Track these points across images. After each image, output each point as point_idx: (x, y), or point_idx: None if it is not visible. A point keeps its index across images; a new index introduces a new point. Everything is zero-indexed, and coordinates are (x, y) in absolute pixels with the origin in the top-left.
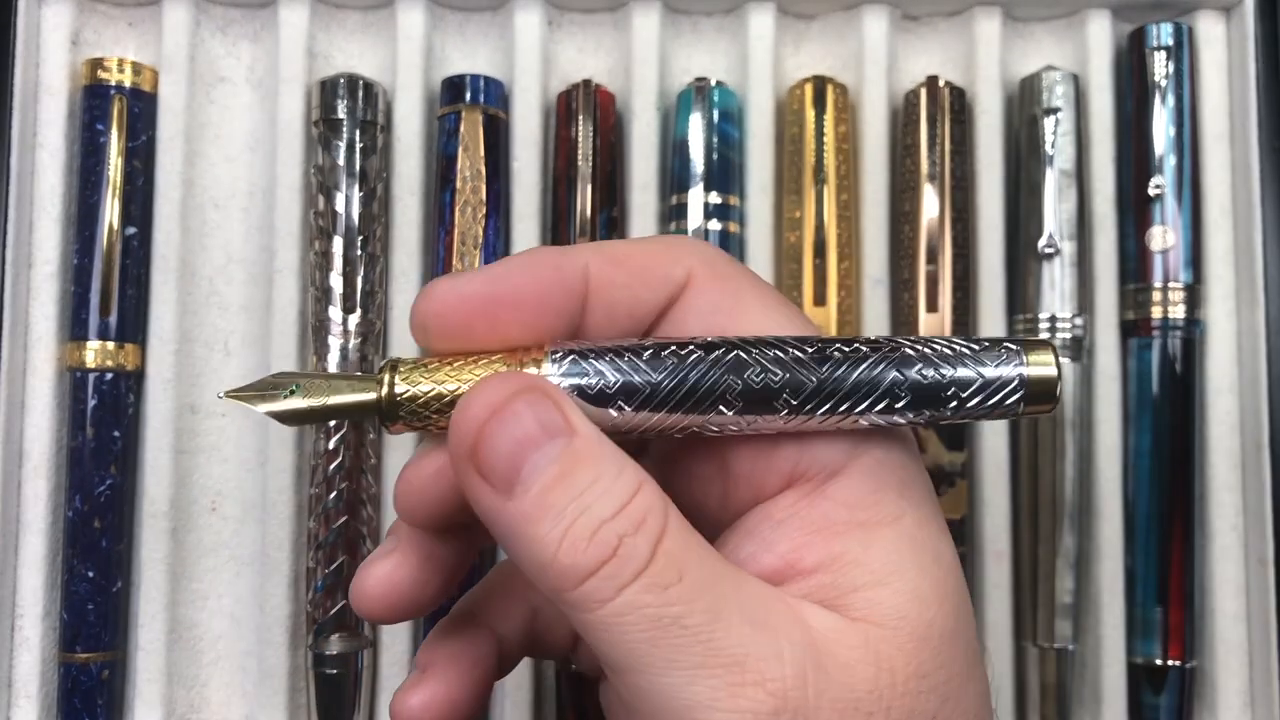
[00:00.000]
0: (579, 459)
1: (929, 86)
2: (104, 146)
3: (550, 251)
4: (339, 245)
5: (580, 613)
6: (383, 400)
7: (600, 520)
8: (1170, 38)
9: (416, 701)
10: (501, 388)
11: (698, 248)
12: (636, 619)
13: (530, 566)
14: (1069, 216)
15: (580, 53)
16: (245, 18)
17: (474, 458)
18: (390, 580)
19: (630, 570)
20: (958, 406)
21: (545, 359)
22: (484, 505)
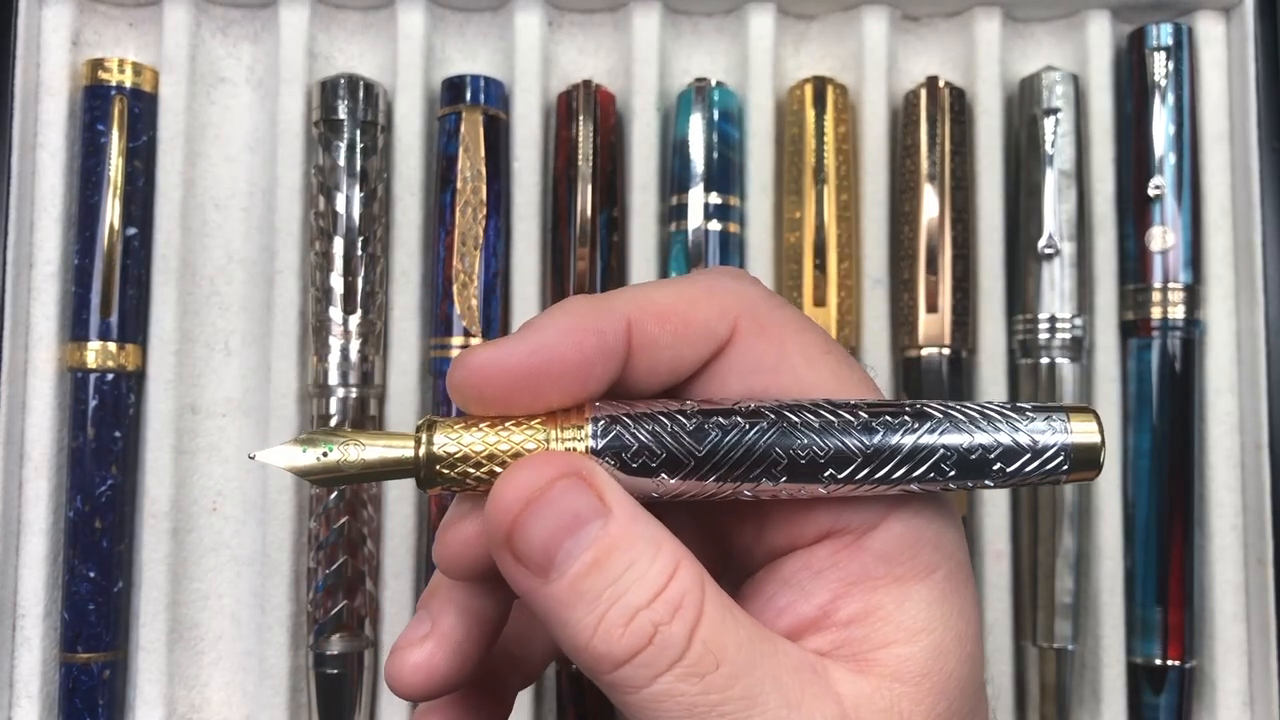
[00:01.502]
0: (614, 544)
1: (929, 87)
2: (105, 147)
3: (590, 312)
4: (339, 245)
5: (616, 694)
6: (420, 461)
7: (635, 608)
8: (1170, 38)
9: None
10: (537, 473)
11: (742, 294)
12: (672, 706)
13: (567, 648)
14: (1069, 217)
15: (580, 53)
16: (246, 18)
17: (509, 544)
18: (429, 665)
19: (666, 659)
20: (1001, 474)
21: (586, 424)
22: (520, 586)
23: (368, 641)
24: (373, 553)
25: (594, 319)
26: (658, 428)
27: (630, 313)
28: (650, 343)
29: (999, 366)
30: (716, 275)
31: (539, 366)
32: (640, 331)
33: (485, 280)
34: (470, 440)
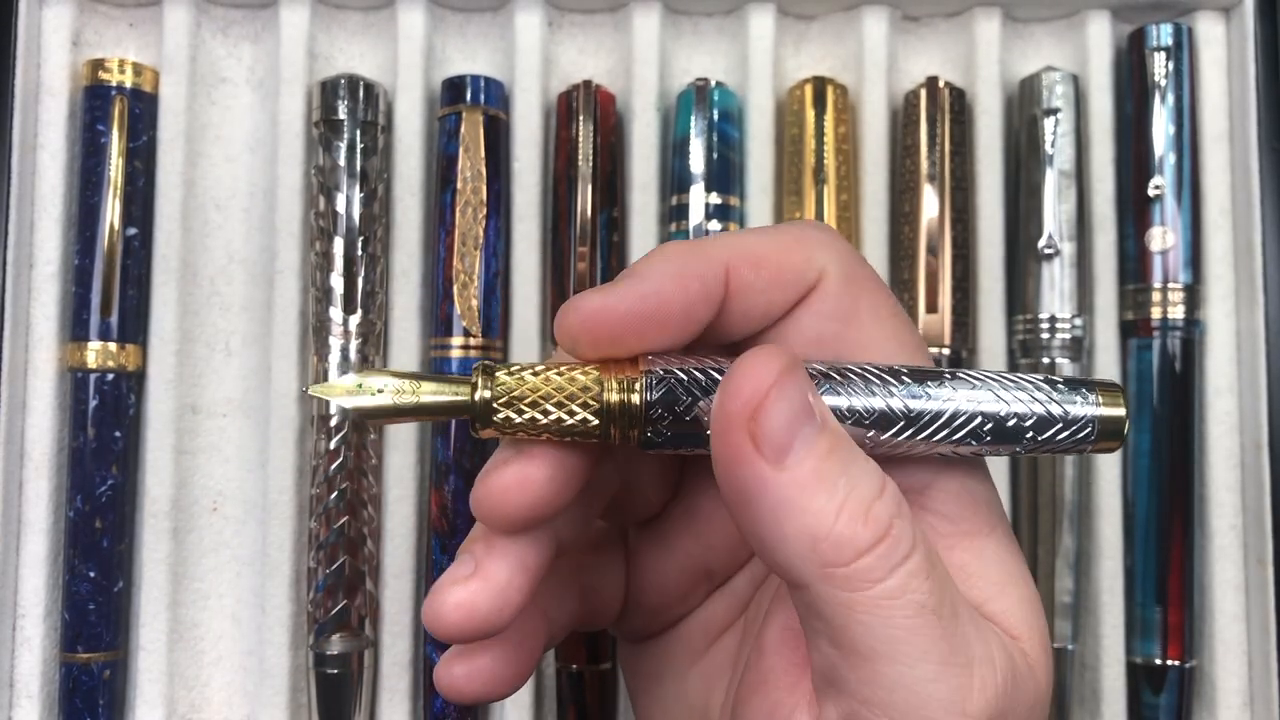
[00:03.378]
0: (840, 437)
1: (929, 87)
2: (105, 147)
3: (692, 258)
4: (340, 246)
5: (845, 590)
6: (477, 403)
7: (870, 498)
8: (1170, 38)
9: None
10: (778, 358)
11: (831, 246)
12: (904, 604)
13: (795, 538)
14: (1069, 217)
15: (580, 53)
16: (246, 19)
17: (752, 423)
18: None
19: (900, 552)
20: (1032, 441)
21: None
22: (749, 472)
23: (368, 641)
24: (373, 553)
25: (696, 265)
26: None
27: (728, 259)
28: (746, 288)
29: (999, 366)
30: (804, 226)
31: (648, 311)
32: (737, 277)
33: (485, 280)
34: (529, 383)
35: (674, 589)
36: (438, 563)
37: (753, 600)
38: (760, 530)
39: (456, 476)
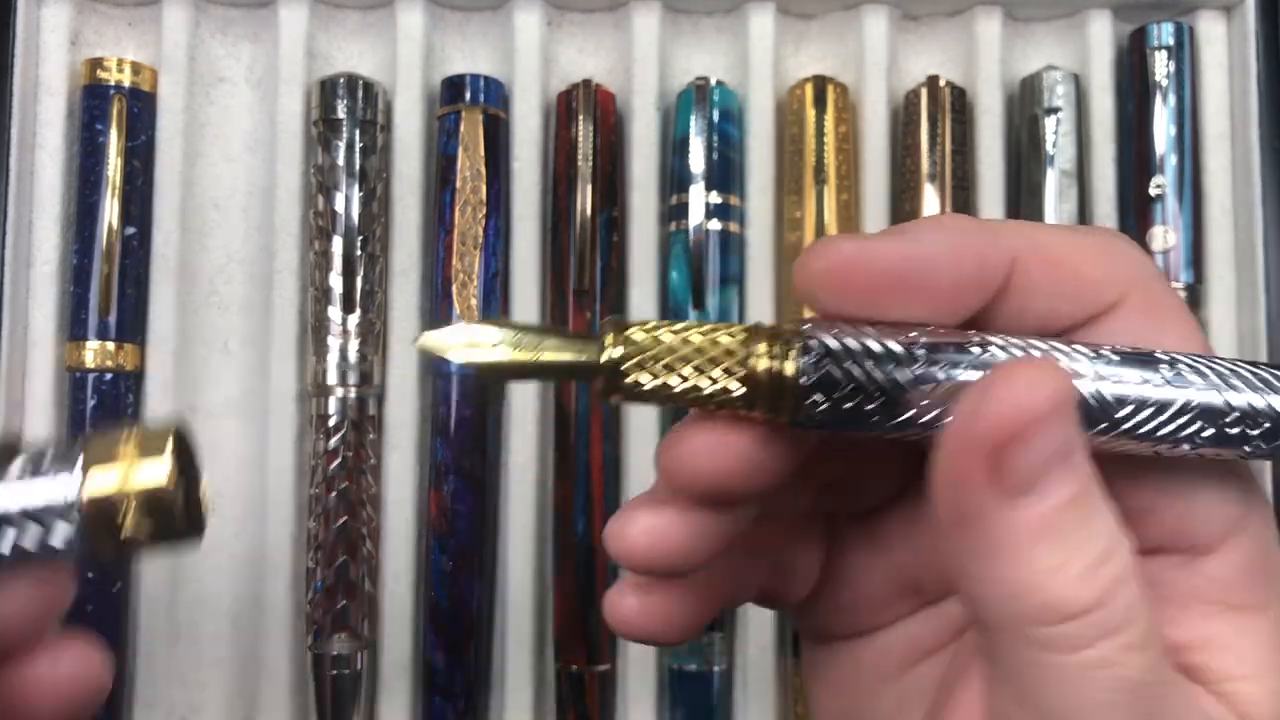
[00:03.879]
0: (1090, 485)
1: (929, 86)
2: (103, 146)
3: (977, 234)
4: (339, 245)
5: (1043, 651)
6: (605, 364)
7: (1098, 559)
8: (1171, 37)
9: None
10: (1054, 383)
11: (1139, 264)
12: (1106, 676)
13: (1002, 584)
14: (1069, 216)
15: (580, 53)
16: (245, 18)
17: (999, 451)
18: (664, 533)
19: (1113, 622)
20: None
21: (796, 345)
22: (972, 502)
23: (368, 641)
24: (373, 553)
25: (980, 243)
26: (875, 364)
27: (1019, 250)
28: (1030, 287)
29: None
30: (1110, 235)
31: (909, 274)
32: (1023, 272)
33: (485, 280)
34: (666, 342)
35: (874, 592)
36: (437, 563)
37: (968, 631)
38: (966, 562)
39: (456, 477)
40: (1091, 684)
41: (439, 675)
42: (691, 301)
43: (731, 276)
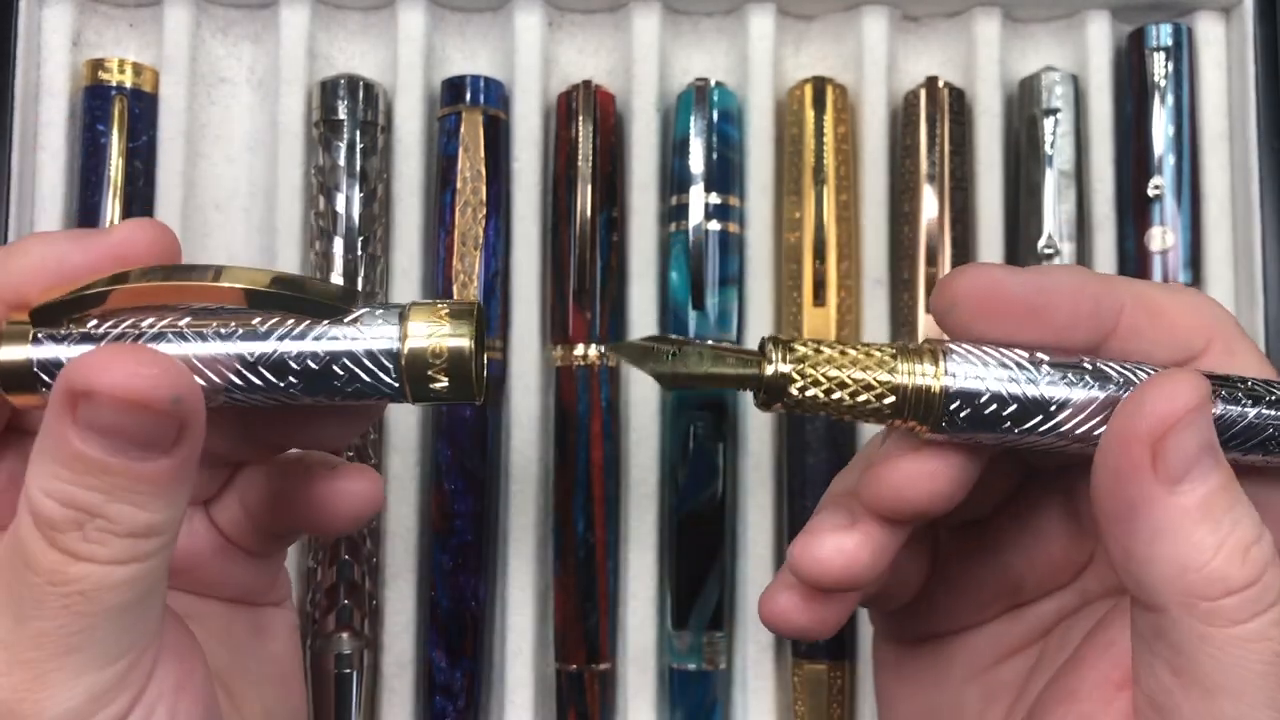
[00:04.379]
0: (1231, 476)
1: (928, 87)
2: (105, 147)
3: (1096, 281)
4: (339, 246)
5: (1204, 623)
6: (769, 376)
7: (1250, 541)
8: (1170, 38)
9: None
10: (1197, 386)
11: (1223, 319)
12: (1261, 649)
13: (1167, 562)
14: (1068, 217)
15: (580, 53)
16: (246, 18)
17: (1159, 442)
18: (855, 554)
19: (1268, 599)
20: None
21: (941, 363)
22: (1138, 490)
23: (367, 641)
24: (372, 553)
25: (1098, 287)
26: (1011, 378)
27: (1128, 298)
28: (1134, 332)
29: None
30: (1199, 294)
31: (1039, 305)
32: (1130, 319)
33: (485, 280)
34: (824, 354)
35: (974, 595)
36: (438, 563)
37: (1057, 628)
38: (1132, 547)
39: (457, 477)
40: (1250, 655)
41: (439, 675)
42: (691, 302)
43: (731, 277)
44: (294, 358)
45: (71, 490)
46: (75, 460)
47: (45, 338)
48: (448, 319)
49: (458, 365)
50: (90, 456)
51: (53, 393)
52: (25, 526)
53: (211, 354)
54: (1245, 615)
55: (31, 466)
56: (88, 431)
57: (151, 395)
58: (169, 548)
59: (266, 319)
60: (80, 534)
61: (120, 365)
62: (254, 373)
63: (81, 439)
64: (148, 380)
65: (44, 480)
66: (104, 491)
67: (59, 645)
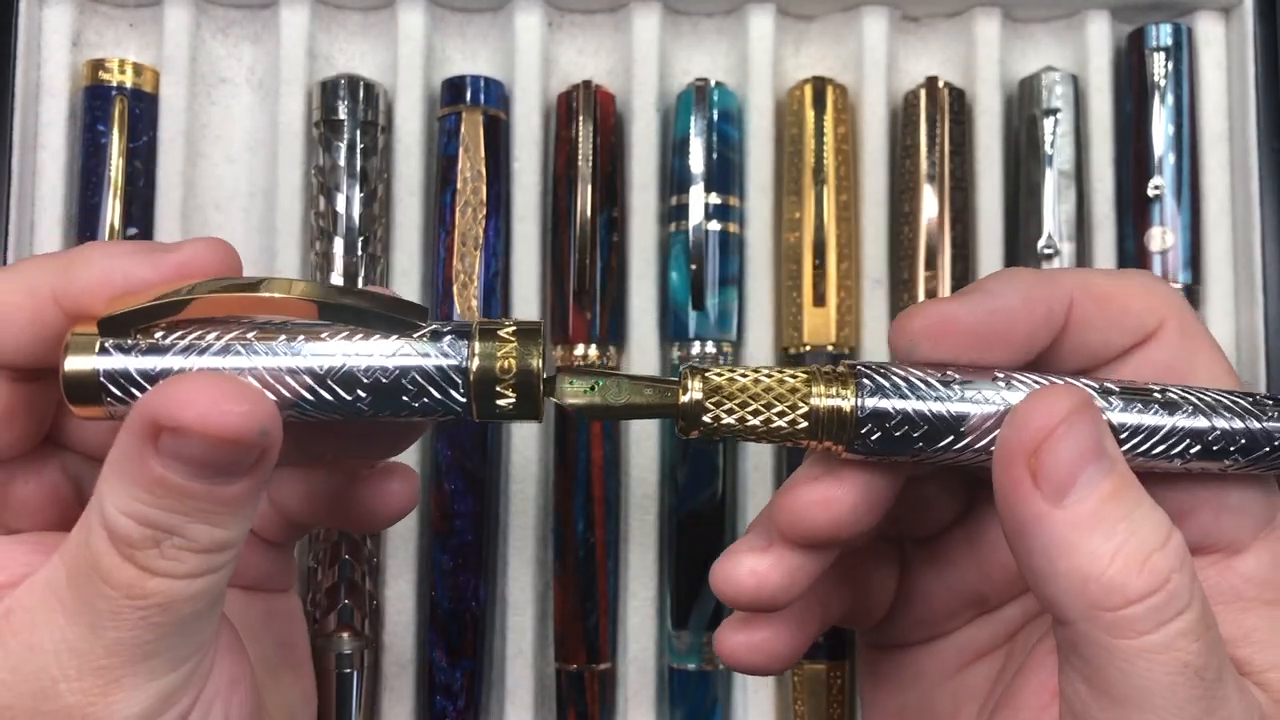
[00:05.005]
0: (1125, 482)
1: (928, 87)
2: (105, 147)
3: (1041, 283)
4: (340, 246)
5: (1108, 635)
6: (685, 404)
7: (1150, 548)
8: (1169, 38)
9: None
10: (1069, 397)
11: (1173, 297)
12: (1167, 660)
13: (1066, 577)
14: (1068, 217)
15: (580, 53)
16: (246, 19)
17: (1034, 458)
18: (765, 574)
19: (1174, 608)
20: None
21: (851, 383)
22: (1025, 509)
23: (368, 641)
24: (373, 553)
25: (1045, 290)
26: (918, 398)
27: (1075, 292)
28: (1086, 322)
29: None
30: (1146, 274)
31: (995, 326)
32: (1080, 309)
33: (485, 280)
34: (738, 383)
35: (942, 607)
36: (438, 563)
37: (1021, 631)
38: (1033, 564)
39: (457, 477)
40: (1156, 666)
41: (439, 675)
42: (691, 302)
43: (731, 277)
44: (364, 372)
45: (150, 512)
46: (156, 485)
47: (113, 348)
48: (515, 337)
49: (525, 383)
50: (172, 482)
51: (132, 420)
52: (99, 542)
53: (282, 368)
54: (1149, 625)
55: (105, 484)
56: (170, 459)
57: (241, 431)
58: (237, 557)
59: (335, 332)
60: (157, 551)
61: (209, 399)
62: (323, 387)
63: (164, 465)
64: (238, 418)
65: (121, 501)
66: (183, 513)
67: (133, 653)
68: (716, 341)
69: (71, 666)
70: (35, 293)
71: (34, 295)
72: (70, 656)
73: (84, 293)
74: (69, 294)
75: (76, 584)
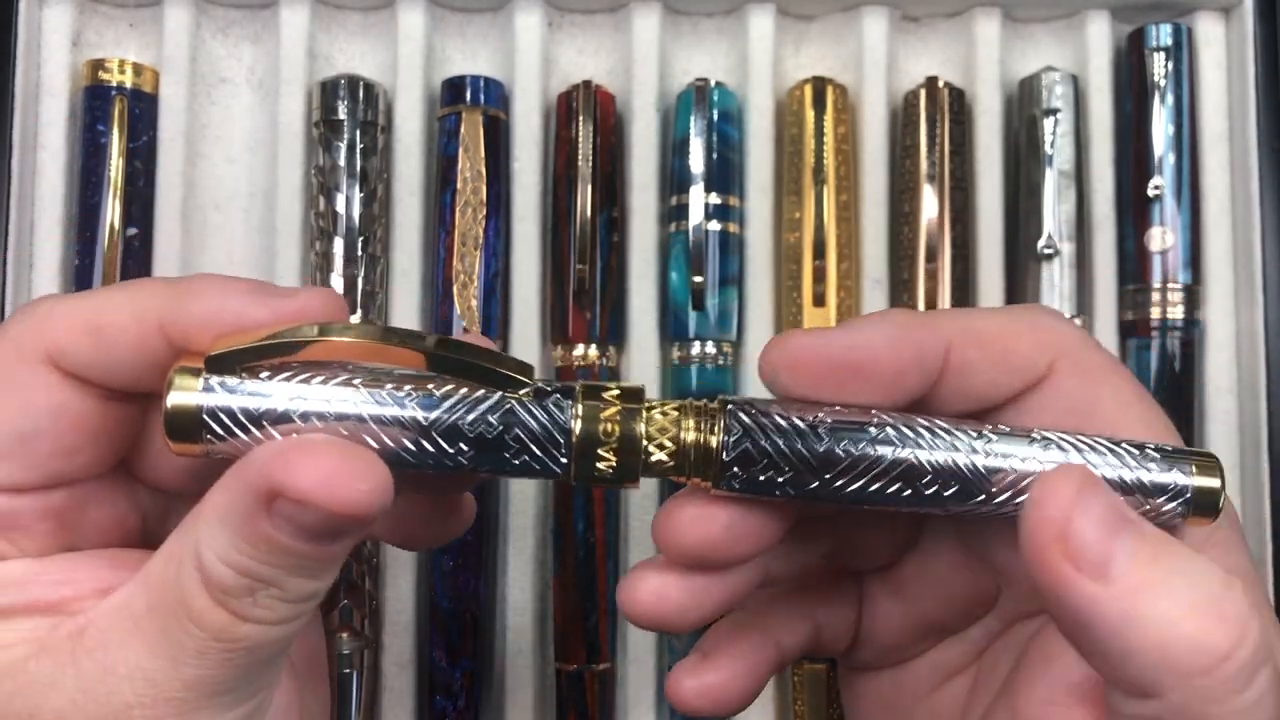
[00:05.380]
0: (1162, 539)
1: (928, 87)
2: (105, 147)
3: (914, 325)
4: (340, 246)
5: (1204, 701)
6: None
7: (1218, 594)
8: (1169, 38)
9: (692, 685)
10: (1074, 472)
11: (1063, 333)
12: (1261, 713)
13: (1144, 649)
14: (1068, 217)
15: (580, 53)
16: (246, 19)
17: (1063, 543)
18: (661, 593)
19: (1261, 655)
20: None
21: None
22: (1077, 593)
23: (368, 641)
24: (373, 553)
25: (916, 333)
26: (784, 439)
27: (953, 335)
28: (966, 367)
29: None
30: (1036, 311)
31: (855, 362)
32: (959, 354)
33: (485, 280)
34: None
35: (905, 635)
36: (438, 563)
37: (988, 650)
38: (1105, 649)
39: None
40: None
41: (439, 675)
42: (691, 302)
43: (731, 277)
44: (468, 426)
45: (252, 565)
46: (263, 542)
47: (218, 385)
48: (618, 400)
49: (627, 448)
50: (280, 542)
51: (248, 476)
52: (191, 583)
53: (388, 417)
54: (1241, 682)
55: (206, 529)
56: (283, 522)
57: (361, 509)
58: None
59: (440, 384)
60: (252, 599)
61: (332, 472)
62: (427, 439)
63: (274, 526)
64: (360, 495)
65: (223, 550)
66: (284, 568)
67: (209, 690)
68: (716, 341)
69: (146, 695)
70: (143, 318)
71: (141, 320)
72: (146, 685)
73: (193, 325)
74: (177, 325)
75: (159, 617)
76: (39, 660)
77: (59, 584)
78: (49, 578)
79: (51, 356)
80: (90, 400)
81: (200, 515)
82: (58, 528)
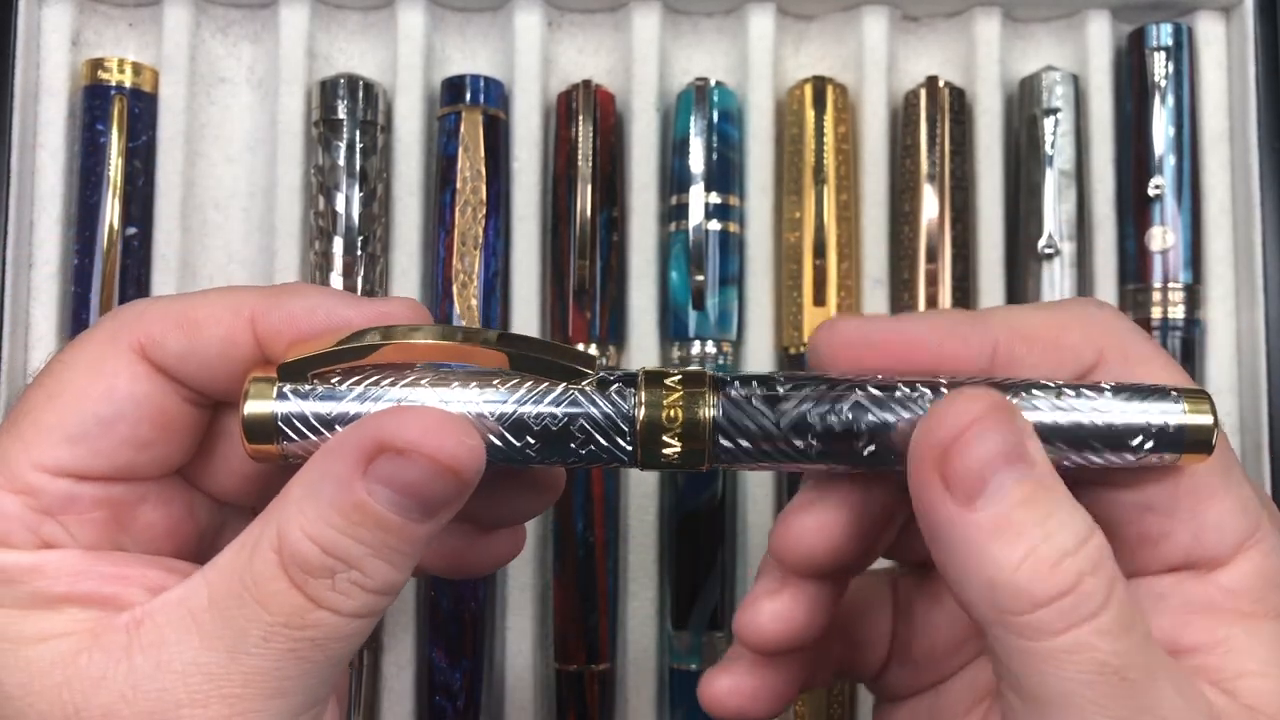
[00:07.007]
0: (1042, 486)
1: (929, 87)
2: (104, 147)
3: (963, 321)
4: (339, 245)
5: (1021, 639)
6: None
7: (1062, 552)
8: (1170, 38)
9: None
10: (983, 400)
11: (1111, 325)
12: (1081, 660)
13: (977, 581)
14: (1068, 217)
15: (580, 53)
16: (246, 18)
17: (942, 463)
18: (790, 615)
19: (1086, 610)
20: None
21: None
22: (938, 513)
23: (367, 641)
24: None
25: (964, 328)
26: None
27: (1000, 332)
28: (1015, 362)
29: None
30: (1085, 304)
31: (898, 350)
32: (1006, 350)
33: (485, 280)
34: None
35: (942, 642)
36: None
37: None
38: (948, 569)
39: None
40: (1071, 667)
41: (439, 675)
42: (691, 302)
43: (731, 277)
44: (533, 419)
45: (338, 539)
46: (355, 510)
47: (290, 393)
48: (679, 385)
49: (692, 432)
50: (371, 509)
51: (346, 442)
52: (265, 565)
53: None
54: (1061, 626)
55: (292, 506)
56: (378, 485)
57: (464, 463)
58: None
59: (505, 380)
60: (330, 582)
61: (439, 426)
62: (494, 433)
63: (369, 490)
64: (470, 451)
65: (311, 523)
66: (370, 546)
67: (268, 688)
68: (716, 341)
69: (200, 691)
70: (238, 311)
71: (236, 313)
72: (201, 680)
73: (286, 318)
74: (269, 318)
75: (222, 606)
76: (90, 654)
77: (113, 578)
78: (102, 570)
79: (144, 347)
80: (171, 397)
81: (285, 496)
82: (111, 521)
